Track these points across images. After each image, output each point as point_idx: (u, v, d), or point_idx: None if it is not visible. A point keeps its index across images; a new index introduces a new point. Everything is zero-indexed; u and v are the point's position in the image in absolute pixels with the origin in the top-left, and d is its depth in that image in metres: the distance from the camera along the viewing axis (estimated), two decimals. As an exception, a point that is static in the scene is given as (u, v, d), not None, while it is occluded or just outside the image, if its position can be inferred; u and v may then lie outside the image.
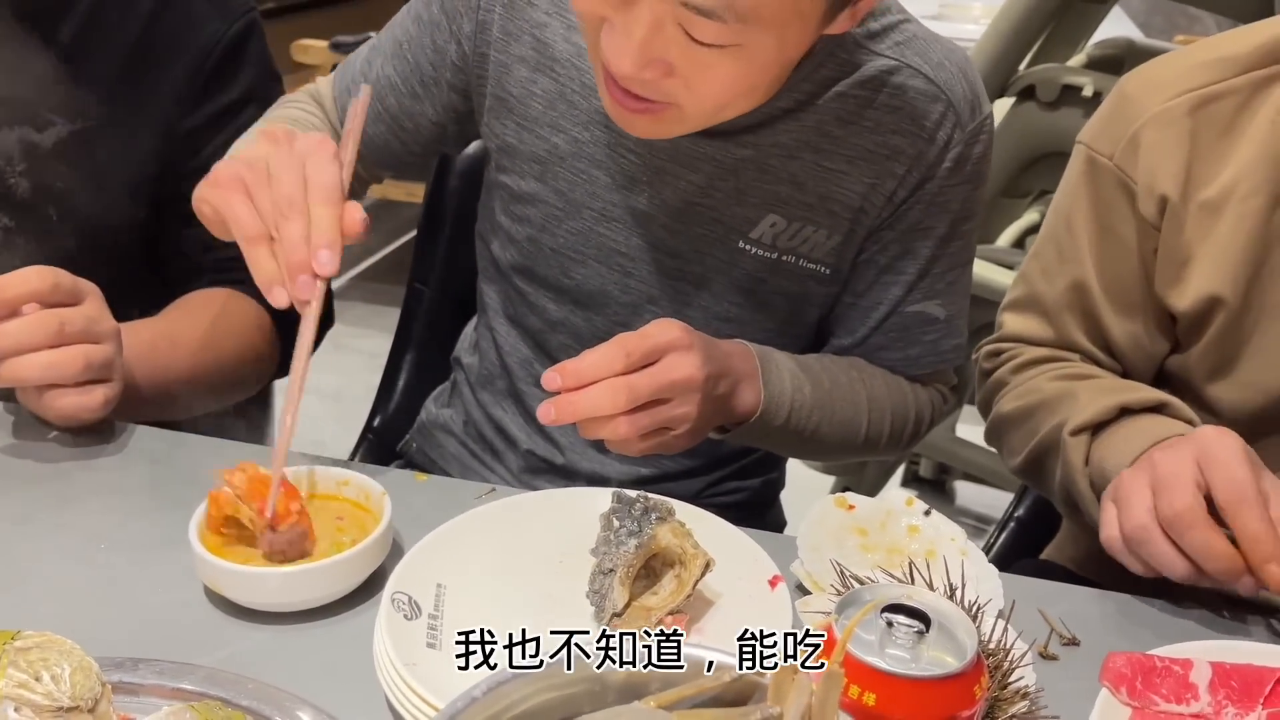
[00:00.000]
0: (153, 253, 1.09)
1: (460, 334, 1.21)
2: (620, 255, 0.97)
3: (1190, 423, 0.86)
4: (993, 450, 2.03)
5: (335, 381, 2.84)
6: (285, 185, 0.74)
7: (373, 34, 3.22)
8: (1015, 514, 1.33)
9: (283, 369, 1.16)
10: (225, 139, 1.03)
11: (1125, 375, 0.99)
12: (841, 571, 0.70)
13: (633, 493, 0.72)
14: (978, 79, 0.92)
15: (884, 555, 0.78)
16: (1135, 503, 0.75)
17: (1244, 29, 0.93)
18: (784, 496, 1.25)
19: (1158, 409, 0.87)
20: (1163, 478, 0.75)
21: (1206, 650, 0.67)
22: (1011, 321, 1.04)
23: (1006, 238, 2.01)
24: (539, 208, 0.98)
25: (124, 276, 0.94)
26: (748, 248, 0.94)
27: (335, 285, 1.24)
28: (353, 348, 3.11)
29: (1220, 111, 0.88)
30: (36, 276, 0.84)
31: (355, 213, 0.76)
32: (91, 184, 1.03)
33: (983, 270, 1.85)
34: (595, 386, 0.76)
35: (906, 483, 2.55)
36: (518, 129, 0.96)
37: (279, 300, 0.75)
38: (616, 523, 0.69)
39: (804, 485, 1.25)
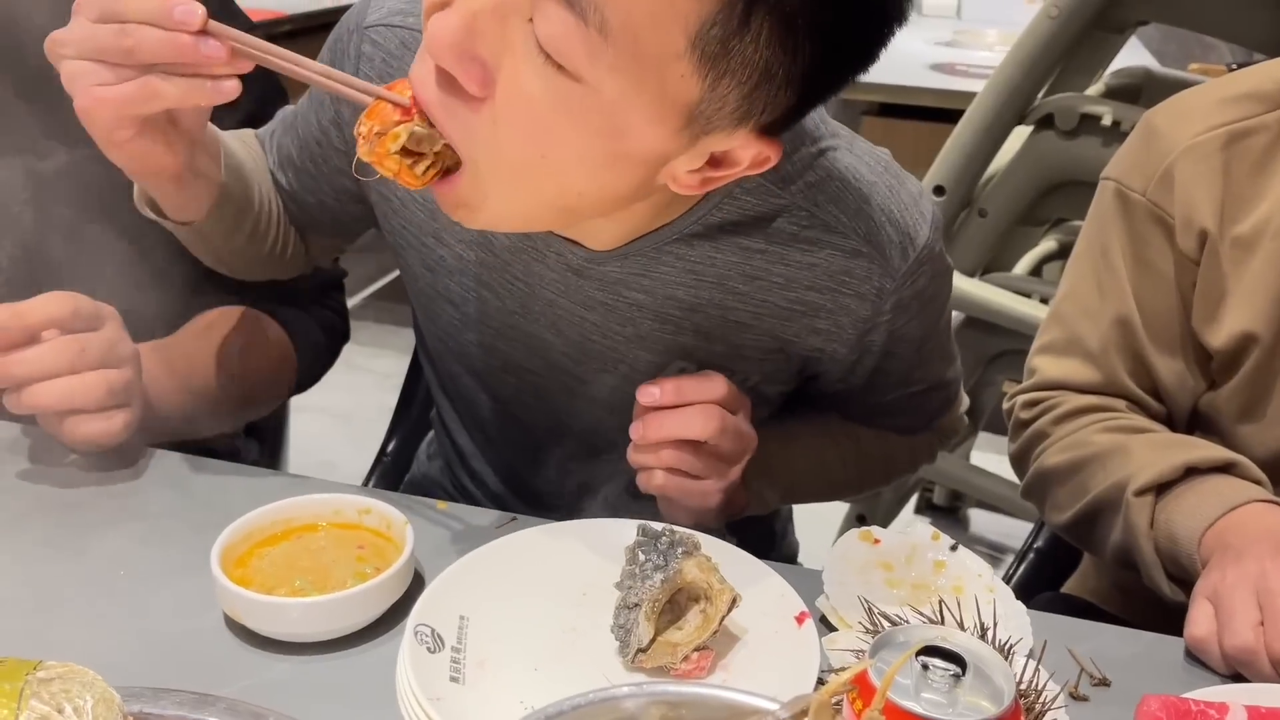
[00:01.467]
0: (163, 276, 1.09)
1: None
2: (528, 371, 0.92)
3: (1259, 483, 0.84)
4: (1008, 479, 2.01)
5: (347, 401, 2.84)
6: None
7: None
8: (1034, 545, 1.31)
9: (299, 386, 1.15)
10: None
11: (1170, 418, 0.97)
12: (870, 609, 0.69)
13: (658, 526, 0.71)
14: (909, 209, 0.80)
15: (910, 591, 0.78)
16: (1240, 619, 0.71)
17: (1267, 65, 0.92)
18: (796, 523, 1.24)
19: (1225, 468, 0.85)
20: (1273, 593, 0.71)
21: (1242, 693, 0.66)
22: (1049, 366, 1.00)
23: (1023, 265, 2.00)
24: (441, 312, 0.93)
25: (135, 300, 0.94)
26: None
27: (348, 304, 1.25)
28: (365, 367, 3.11)
29: (1253, 147, 0.87)
30: (56, 302, 0.84)
31: None
32: (95, 210, 1.02)
33: (1000, 298, 1.85)
34: (692, 409, 0.75)
35: (920, 510, 2.53)
36: (403, 231, 0.90)
37: (228, 89, 0.68)
38: (642, 556, 0.69)
39: (816, 510, 1.24)
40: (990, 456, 2.33)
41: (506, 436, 1.02)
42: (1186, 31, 3.51)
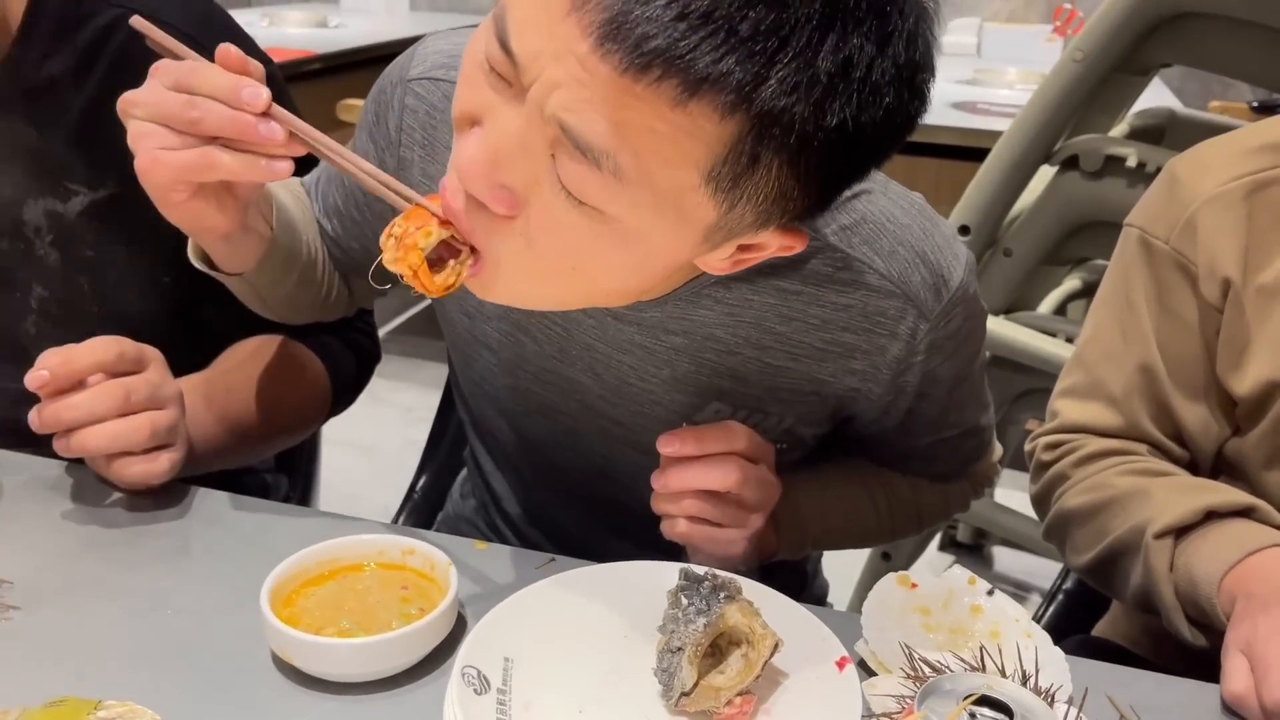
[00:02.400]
0: (191, 313, 1.11)
1: None
2: (562, 414, 0.93)
3: (1279, 528, 0.85)
4: (1033, 517, 2.01)
5: (370, 434, 2.86)
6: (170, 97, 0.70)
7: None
8: (1063, 586, 1.31)
9: (332, 411, 1.17)
10: None
11: (1193, 464, 0.98)
12: (910, 655, 0.70)
13: (700, 569, 0.72)
14: (943, 250, 0.81)
15: (947, 635, 0.78)
16: (1277, 672, 0.71)
17: None
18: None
19: (1245, 513, 0.86)
20: None
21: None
22: (1071, 410, 1.00)
23: (1048, 305, 2.01)
24: (478, 357, 0.95)
25: (164, 340, 0.95)
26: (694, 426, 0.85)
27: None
28: (389, 401, 3.13)
29: (1274, 198, 0.88)
30: (102, 347, 0.86)
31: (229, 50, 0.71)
32: (119, 250, 1.04)
33: (1025, 337, 1.86)
34: (713, 459, 0.77)
35: (944, 547, 2.53)
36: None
37: (281, 170, 0.72)
38: (685, 600, 0.70)
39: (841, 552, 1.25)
40: (1015, 494, 2.32)
41: (540, 479, 1.03)
42: (1205, 72, 3.53)
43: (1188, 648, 0.87)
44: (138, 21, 0.77)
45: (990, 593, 0.81)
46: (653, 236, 0.64)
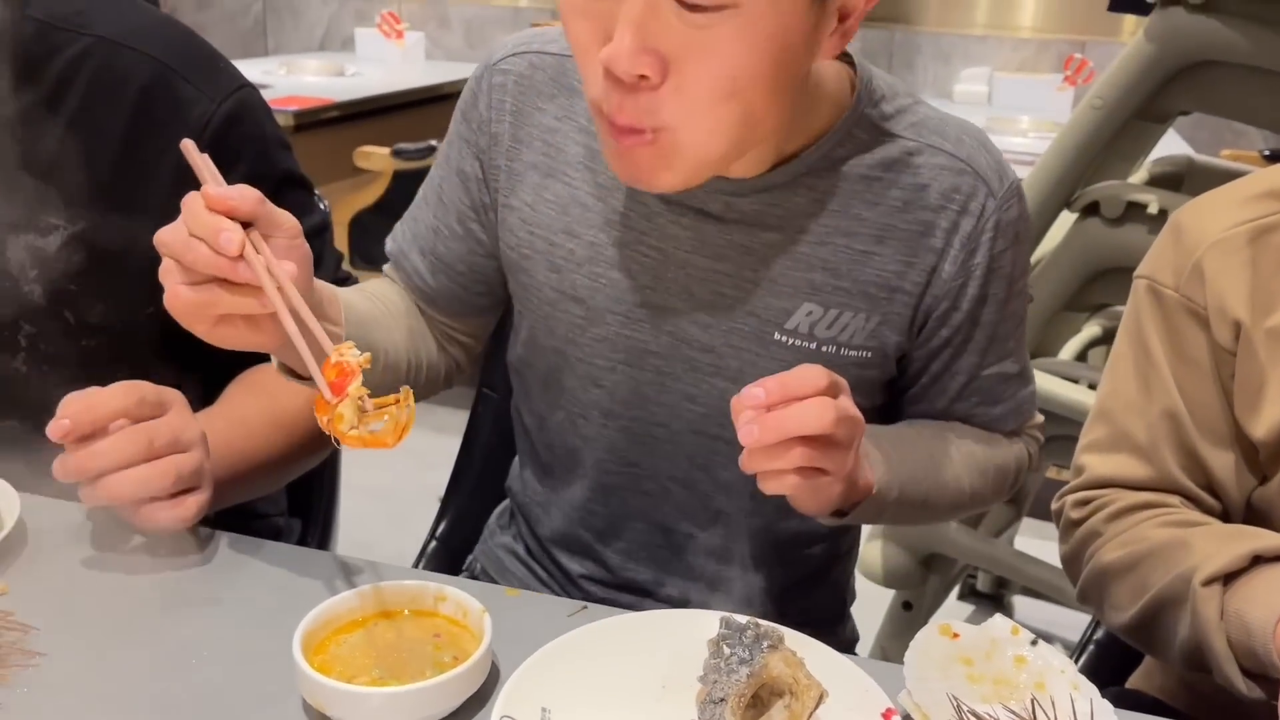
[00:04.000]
0: (180, 341, 1.10)
1: None
2: (651, 354, 0.95)
3: None
4: (1054, 565, 1.98)
5: (385, 481, 2.84)
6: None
7: (433, 141, 3.33)
8: (1093, 637, 1.29)
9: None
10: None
11: (1225, 515, 0.96)
12: (959, 707, 0.68)
13: (742, 619, 0.71)
14: (997, 150, 0.93)
15: (991, 687, 0.76)
16: None
17: None
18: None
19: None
20: None
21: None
22: (1098, 464, 0.99)
23: (1069, 351, 2.00)
24: (563, 317, 0.97)
25: (158, 372, 0.95)
26: (784, 339, 0.92)
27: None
28: (402, 447, 3.12)
29: (1276, 243, 0.88)
30: (123, 392, 0.86)
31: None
32: (100, 284, 1.03)
33: (1047, 383, 1.84)
34: (805, 403, 0.73)
35: (963, 596, 2.50)
36: (531, 239, 0.96)
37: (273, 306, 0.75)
38: (727, 650, 0.68)
39: (863, 595, 1.23)
40: (1034, 542, 2.30)
41: (607, 478, 1.02)
42: (1217, 120, 3.55)
43: (1225, 703, 0.85)
44: (188, 147, 0.79)
45: (1034, 643, 0.79)
46: (774, 13, 0.72)
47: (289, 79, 3.66)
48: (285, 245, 0.76)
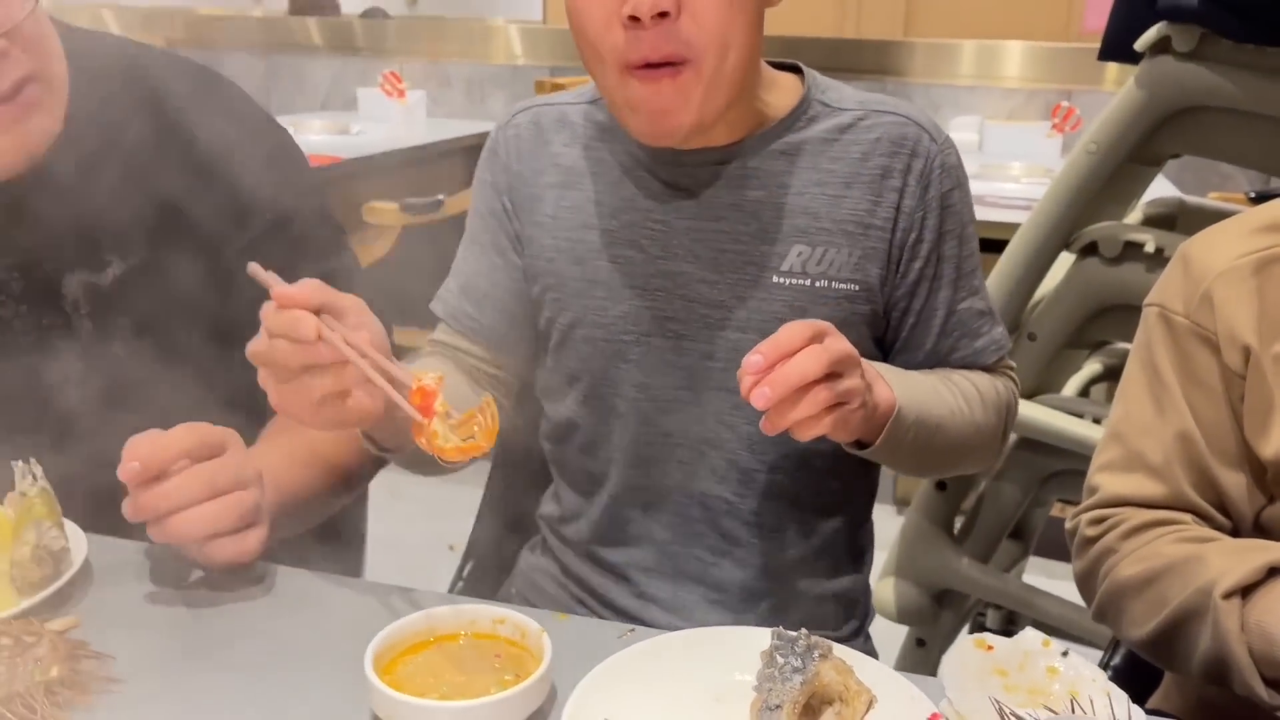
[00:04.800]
0: (226, 373, 1.14)
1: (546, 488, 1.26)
2: (670, 321, 1.06)
3: None
4: (1063, 598, 2.01)
5: (394, 529, 2.86)
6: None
7: (441, 195, 3.39)
8: (1111, 662, 1.32)
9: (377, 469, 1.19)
10: (275, 261, 1.10)
11: (1235, 533, 0.99)
12: (1001, 709, 0.72)
13: (793, 631, 0.74)
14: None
15: (1026, 696, 0.80)
16: None
17: None
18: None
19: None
20: None
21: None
22: (1111, 483, 1.03)
23: (1072, 387, 2.05)
24: (590, 302, 1.08)
25: (205, 406, 0.99)
26: (782, 280, 1.04)
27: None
28: (408, 495, 3.13)
29: None
30: (186, 435, 0.90)
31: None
32: (150, 318, 1.08)
33: (1053, 419, 1.89)
34: (798, 355, 0.83)
35: (974, 633, 2.52)
36: (554, 243, 1.09)
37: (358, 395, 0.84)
38: (780, 659, 0.72)
39: (876, 635, 1.27)
40: (1040, 579, 2.33)
41: (632, 472, 1.10)
42: (1202, 161, 3.64)
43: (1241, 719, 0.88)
44: (254, 269, 0.85)
45: (1065, 654, 0.83)
46: None
47: (295, 138, 3.72)
48: (355, 321, 0.84)
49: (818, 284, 1.04)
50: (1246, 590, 0.88)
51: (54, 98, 1.03)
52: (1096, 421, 1.92)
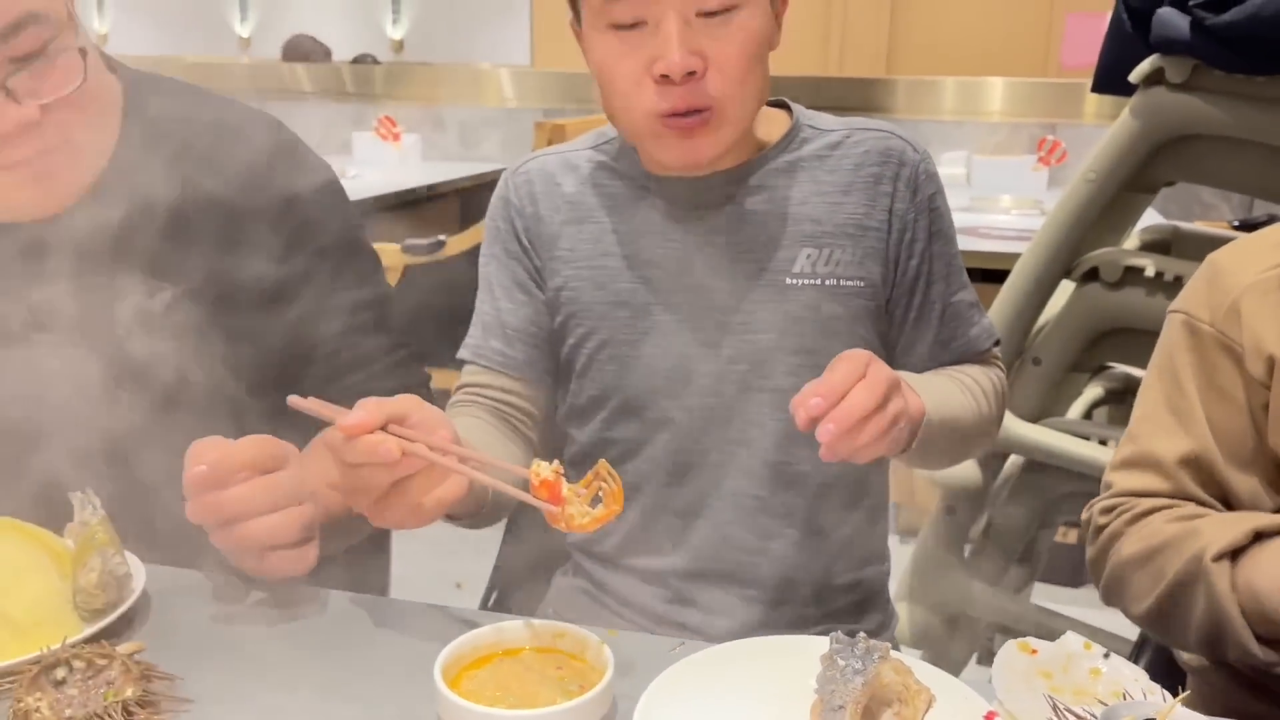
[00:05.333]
0: (270, 394, 1.14)
1: None
2: (695, 331, 1.12)
3: None
4: (1074, 618, 2.04)
5: (397, 569, 2.87)
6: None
7: (442, 236, 3.42)
8: (1139, 663, 1.35)
9: None
10: (317, 292, 1.15)
11: None
12: (1055, 705, 0.75)
13: (851, 635, 0.77)
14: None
15: (1072, 697, 0.83)
16: None
17: None
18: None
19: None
20: None
21: None
22: (1124, 479, 1.07)
23: (1076, 410, 2.09)
24: (615, 321, 1.13)
25: (248, 422, 1.01)
26: (795, 281, 1.11)
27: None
28: (415, 535, 3.14)
29: None
30: (253, 446, 0.93)
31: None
32: (200, 345, 1.11)
33: (1060, 441, 1.93)
34: (854, 392, 0.88)
35: (983, 660, 2.54)
36: (575, 273, 1.15)
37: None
38: (841, 661, 0.75)
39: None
40: (1046, 605, 2.35)
41: (687, 456, 1.14)
42: (1186, 191, 3.72)
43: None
44: (295, 400, 0.90)
45: (1106, 655, 0.86)
46: (759, 2, 1.02)
47: (295, 181, 3.76)
48: (418, 419, 0.87)
49: (827, 282, 1.11)
50: (1236, 554, 0.92)
51: (83, 162, 1.07)
52: (1102, 443, 1.96)
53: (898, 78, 4.37)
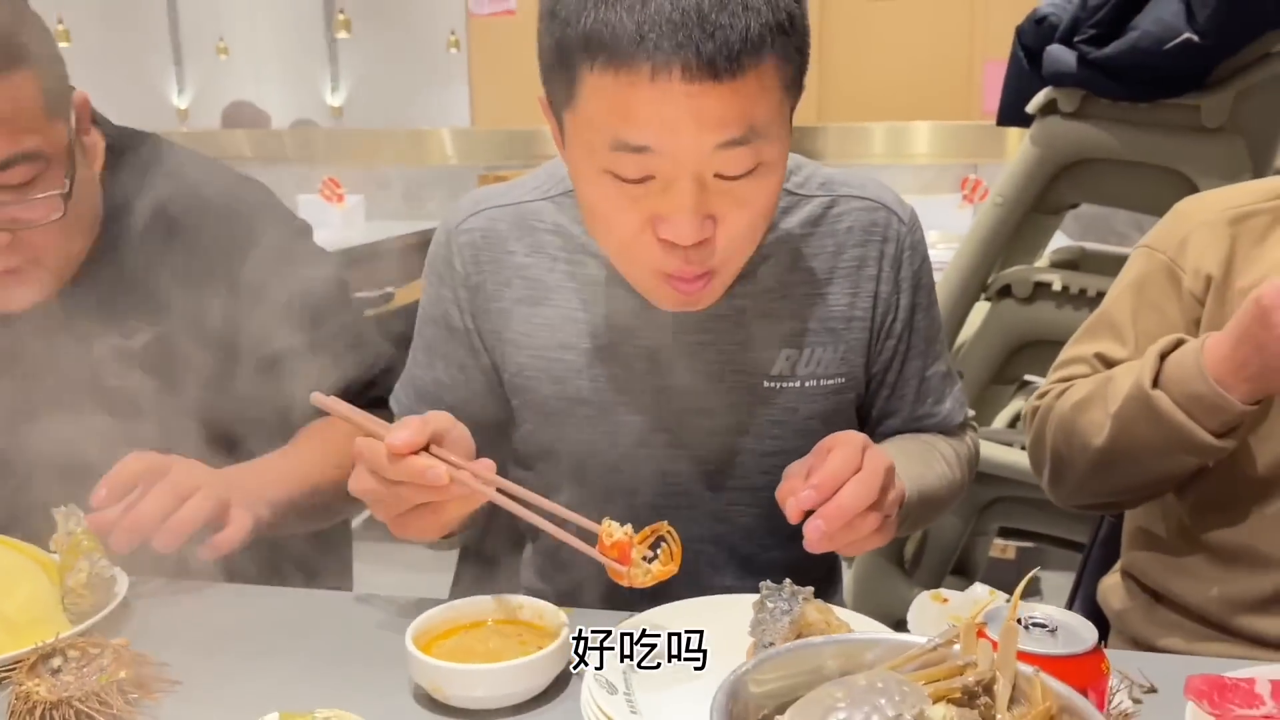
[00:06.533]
0: (244, 423, 1.23)
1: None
2: (659, 432, 1.07)
3: None
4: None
5: (361, 584, 2.89)
6: None
7: (390, 288, 3.49)
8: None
9: None
10: (288, 329, 1.21)
11: None
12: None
13: (777, 583, 0.86)
14: (890, 188, 1.12)
15: (979, 636, 0.93)
16: None
17: (1270, 178, 1.17)
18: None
19: (1177, 343, 1.04)
20: None
21: (1262, 672, 0.82)
22: (1079, 348, 1.18)
23: (1001, 420, 2.22)
24: (570, 418, 1.08)
25: (229, 446, 1.13)
26: (771, 384, 1.06)
27: (355, 523, 1.44)
28: (375, 552, 3.17)
29: (1256, 225, 1.10)
30: (133, 461, 1.03)
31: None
32: (177, 381, 1.19)
33: (988, 450, 2.05)
34: (848, 486, 0.85)
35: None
36: (530, 361, 1.07)
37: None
38: (770, 604, 0.84)
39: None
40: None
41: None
42: (1101, 221, 3.91)
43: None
44: (317, 398, 0.96)
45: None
46: (782, 152, 0.92)
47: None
48: (453, 439, 0.90)
49: (807, 384, 1.06)
50: (1154, 382, 1.03)
51: (48, 275, 1.14)
52: (1023, 449, 2.08)
53: (829, 125, 4.56)
